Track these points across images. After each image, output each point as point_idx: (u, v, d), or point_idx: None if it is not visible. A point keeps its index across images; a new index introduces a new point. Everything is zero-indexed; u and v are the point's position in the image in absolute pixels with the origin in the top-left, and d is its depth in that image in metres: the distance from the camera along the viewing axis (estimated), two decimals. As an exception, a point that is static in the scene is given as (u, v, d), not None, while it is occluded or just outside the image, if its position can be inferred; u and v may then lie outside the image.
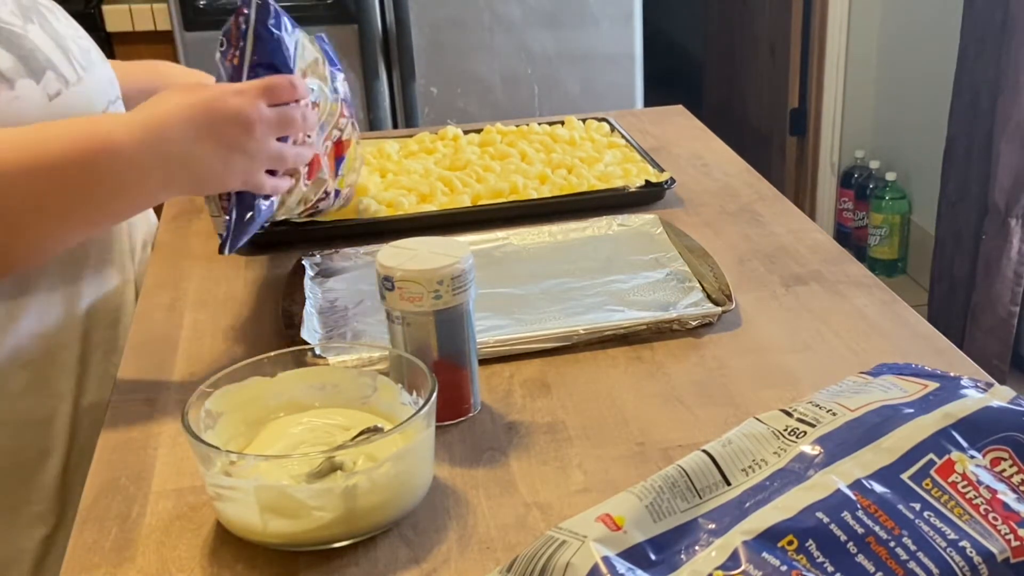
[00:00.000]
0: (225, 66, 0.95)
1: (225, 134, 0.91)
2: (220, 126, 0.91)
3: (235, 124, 0.91)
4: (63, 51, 1.05)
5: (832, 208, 3.41)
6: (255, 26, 0.93)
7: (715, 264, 1.12)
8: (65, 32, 1.09)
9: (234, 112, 0.91)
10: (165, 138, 0.90)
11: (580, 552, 0.59)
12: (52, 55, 1.02)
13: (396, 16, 2.24)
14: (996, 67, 2.48)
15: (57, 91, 1.00)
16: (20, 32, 1.00)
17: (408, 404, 0.82)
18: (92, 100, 1.07)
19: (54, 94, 1.00)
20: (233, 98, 0.91)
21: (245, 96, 0.91)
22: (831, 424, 0.68)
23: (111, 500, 0.82)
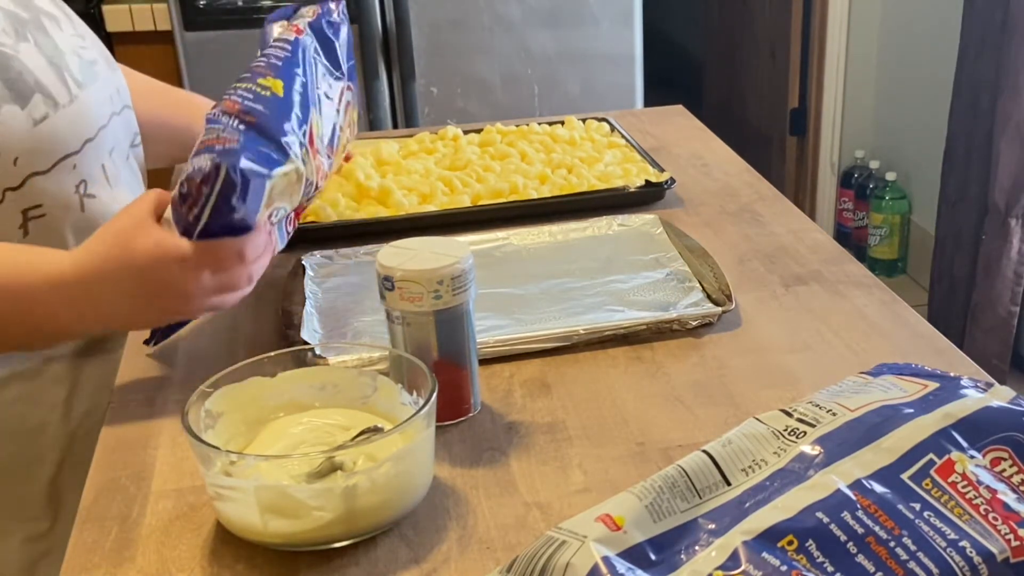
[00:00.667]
0: (180, 212, 0.88)
1: (161, 300, 0.91)
2: (157, 295, 0.90)
3: (173, 295, 0.89)
4: (58, 69, 1.03)
5: (832, 208, 3.41)
6: (216, 200, 0.86)
7: (715, 264, 1.12)
8: (66, 45, 1.06)
9: (173, 283, 0.88)
10: (99, 299, 0.89)
11: (580, 552, 0.59)
12: (43, 76, 1.01)
13: (396, 16, 2.24)
14: (996, 67, 2.48)
15: (44, 115, 0.99)
16: (10, 53, 0.98)
17: (408, 404, 0.82)
18: (86, 119, 1.05)
19: (40, 118, 0.99)
20: (174, 268, 0.87)
21: (187, 266, 0.87)
22: (831, 424, 0.68)
23: (111, 500, 0.82)
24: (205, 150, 0.87)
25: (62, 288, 0.88)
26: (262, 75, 0.93)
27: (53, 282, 0.88)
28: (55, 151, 1.01)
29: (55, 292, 0.88)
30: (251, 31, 2.18)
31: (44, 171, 1.00)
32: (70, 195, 1.03)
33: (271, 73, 0.94)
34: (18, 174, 0.98)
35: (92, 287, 0.88)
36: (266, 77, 0.93)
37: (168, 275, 0.87)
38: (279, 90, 0.93)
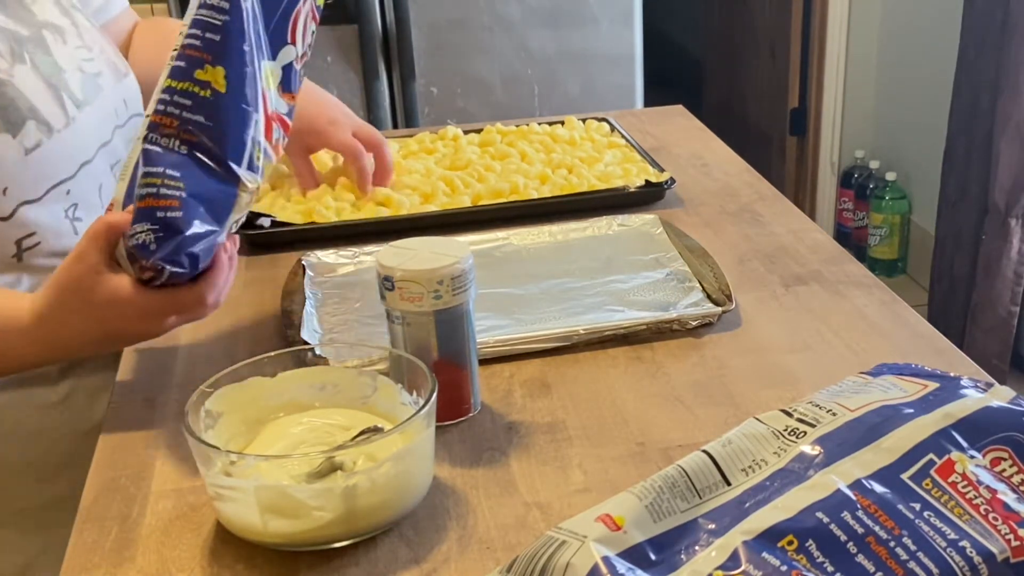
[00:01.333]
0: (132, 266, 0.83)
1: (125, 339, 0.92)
2: (120, 337, 0.90)
3: (136, 335, 0.90)
4: (55, 90, 1.01)
5: (832, 208, 3.41)
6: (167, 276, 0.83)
7: (715, 264, 1.12)
8: (67, 61, 1.04)
9: (136, 330, 0.88)
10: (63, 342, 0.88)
11: (580, 552, 0.59)
12: (38, 100, 0.99)
13: (396, 16, 2.24)
14: (996, 67, 2.48)
15: (36, 142, 0.97)
16: (4, 78, 0.97)
17: (408, 404, 0.82)
18: (84, 141, 1.03)
19: (32, 146, 0.97)
20: (135, 319, 0.86)
21: (150, 320, 0.86)
22: (831, 424, 0.68)
23: (111, 500, 0.82)
24: (145, 215, 0.81)
25: (24, 333, 0.87)
26: (198, 63, 0.83)
27: (14, 327, 0.87)
28: (47, 179, 0.99)
29: (18, 336, 0.87)
30: (251, 31, 2.18)
31: (35, 199, 0.98)
32: (61, 220, 1.01)
33: (208, 56, 0.83)
34: (7, 204, 0.96)
35: (53, 332, 0.87)
36: (203, 66, 0.83)
37: (130, 324, 0.86)
38: (220, 83, 0.83)
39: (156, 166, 0.81)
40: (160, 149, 0.81)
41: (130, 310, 0.84)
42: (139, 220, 0.81)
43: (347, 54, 2.25)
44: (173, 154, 0.82)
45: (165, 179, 0.81)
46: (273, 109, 0.87)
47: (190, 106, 0.82)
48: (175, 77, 0.82)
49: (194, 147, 0.82)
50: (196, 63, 0.82)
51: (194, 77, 0.82)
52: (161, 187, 0.81)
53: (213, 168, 0.83)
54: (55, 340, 0.87)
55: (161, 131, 0.82)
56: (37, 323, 0.86)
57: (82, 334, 0.87)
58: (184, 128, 0.82)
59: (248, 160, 0.84)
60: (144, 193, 0.81)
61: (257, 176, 0.86)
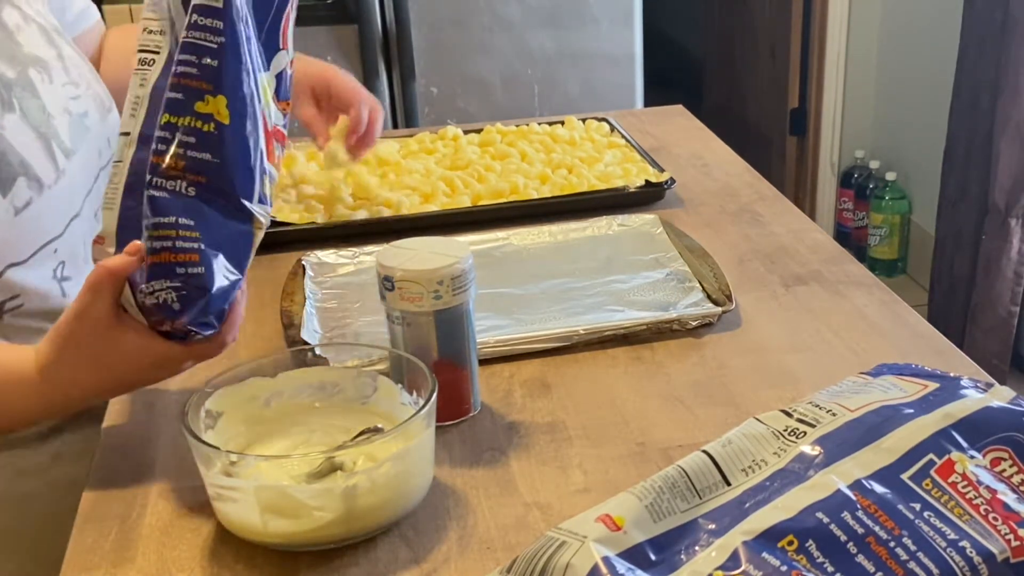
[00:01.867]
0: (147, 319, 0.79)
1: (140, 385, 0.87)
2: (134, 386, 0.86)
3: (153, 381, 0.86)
4: (46, 141, 0.95)
5: (832, 208, 3.40)
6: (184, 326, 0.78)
7: (715, 264, 1.12)
8: (55, 103, 0.98)
9: (153, 378, 0.84)
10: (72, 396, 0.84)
11: (580, 552, 0.59)
12: (29, 154, 0.93)
13: (396, 16, 2.23)
14: (996, 67, 2.48)
15: (27, 201, 0.91)
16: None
17: (408, 404, 0.82)
18: (73, 194, 0.98)
19: (22, 206, 0.91)
20: (154, 372, 0.83)
21: (167, 368, 0.83)
22: (831, 424, 0.68)
23: (111, 500, 0.82)
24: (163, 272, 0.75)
25: (30, 388, 0.83)
26: (197, 94, 0.76)
27: (19, 382, 0.83)
28: (36, 239, 0.94)
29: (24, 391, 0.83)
30: (251, 31, 2.18)
31: (23, 261, 0.93)
32: (48, 281, 0.96)
33: (208, 86, 0.76)
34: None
35: (62, 386, 0.82)
36: (203, 98, 0.76)
37: (145, 373, 0.83)
38: (223, 115, 0.76)
39: (167, 215, 0.75)
40: (167, 195, 0.75)
41: (145, 361, 0.80)
42: (156, 276, 0.75)
43: (347, 54, 2.25)
44: (182, 198, 0.75)
45: (179, 229, 0.75)
46: (272, 124, 0.82)
47: (194, 143, 0.75)
48: (173, 111, 0.76)
49: (203, 188, 0.76)
50: (195, 95, 0.76)
51: (195, 111, 0.76)
52: (177, 239, 0.75)
53: (226, 209, 0.77)
54: (63, 394, 0.83)
55: (166, 173, 0.75)
56: (44, 379, 0.82)
57: (92, 387, 0.83)
58: (191, 169, 0.75)
59: (259, 193, 0.80)
60: (159, 247, 0.75)
61: (267, 207, 0.81)
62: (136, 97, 0.80)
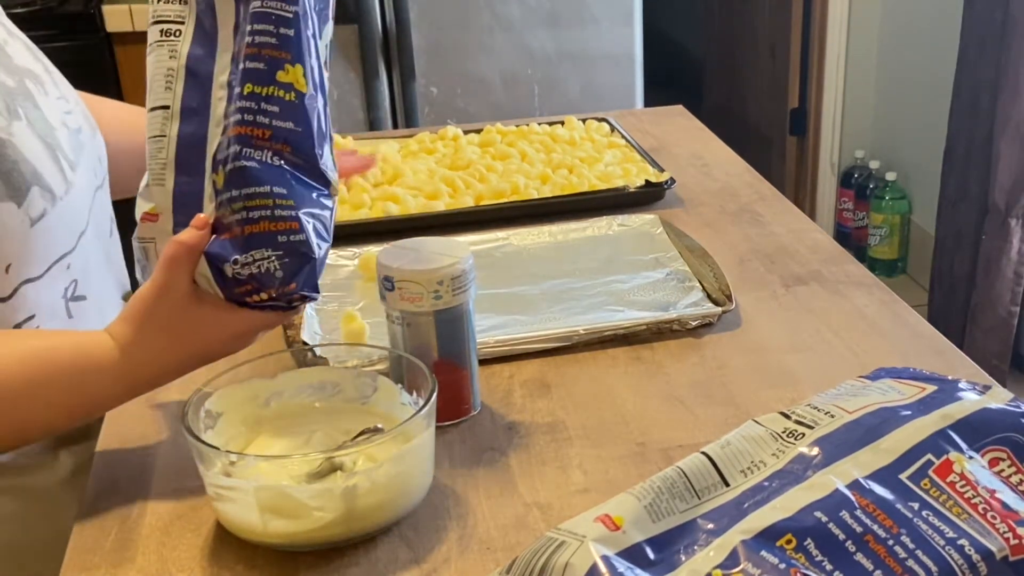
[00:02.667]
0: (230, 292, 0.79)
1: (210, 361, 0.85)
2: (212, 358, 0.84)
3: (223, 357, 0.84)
4: (52, 151, 0.92)
5: (832, 208, 3.40)
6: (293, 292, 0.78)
7: (715, 264, 1.12)
8: (54, 116, 0.96)
9: (227, 354, 0.84)
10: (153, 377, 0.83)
11: (579, 552, 0.59)
12: (39, 162, 0.90)
13: (396, 16, 2.23)
14: (996, 67, 2.48)
15: (41, 212, 0.89)
16: (4, 137, 0.87)
17: (408, 404, 0.82)
18: (81, 208, 0.95)
19: (37, 217, 0.88)
20: (231, 344, 0.82)
21: (243, 339, 0.83)
22: (829, 426, 0.68)
23: (111, 500, 0.83)
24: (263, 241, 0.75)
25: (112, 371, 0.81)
26: (278, 63, 0.76)
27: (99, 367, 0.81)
28: (51, 253, 0.91)
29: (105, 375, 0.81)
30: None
31: (37, 277, 0.90)
32: (58, 300, 0.93)
33: (287, 54, 0.76)
34: (8, 283, 0.87)
35: (142, 366, 0.81)
36: (284, 67, 0.76)
37: (222, 346, 0.82)
38: (302, 83, 0.77)
39: (262, 184, 0.75)
40: (257, 164, 0.75)
41: (225, 333, 0.81)
42: (257, 246, 0.76)
43: (347, 54, 2.25)
44: (272, 168, 0.76)
45: (275, 198, 0.75)
46: None
47: (278, 113, 0.76)
48: (256, 81, 0.76)
49: (287, 158, 0.76)
50: (276, 64, 0.76)
51: (276, 80, 0.76)
52: (275, 208, 0.75)
53: (309, 177, 0.78)
54: (146, 373, 0.82)
55: (254, 144, 0.75)
56: (126, 359, 0.80)
57: (174, 363, 0.82)
58: (277, 138, 0.76)
59: (330, 158, 0.80)
60: (257, 216, 0.75)
61: (335, 172, 0.81)
62: (169, 70, 0.80)
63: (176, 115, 0.80)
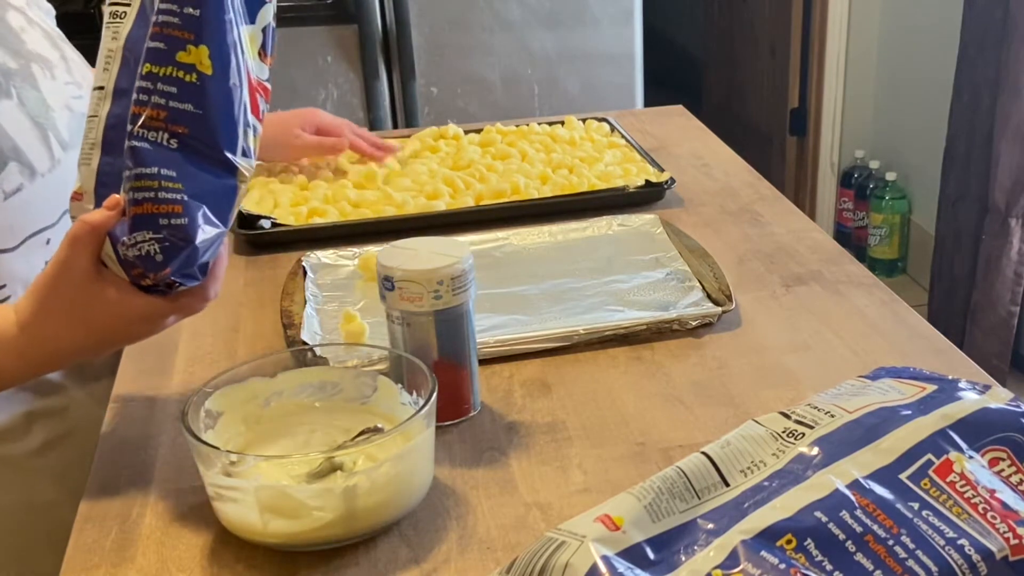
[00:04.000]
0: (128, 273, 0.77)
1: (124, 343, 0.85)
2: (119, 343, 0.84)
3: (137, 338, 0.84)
4: (42, 130, 0.95)
5: (832, 208, 3.40)
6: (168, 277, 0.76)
7: (715, 264, 1.12)
8: (56, 98, 0.99)
9: (137, 334, 0.83)
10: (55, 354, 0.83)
11: (579, 552, 0.59)
12: (23, 140, 0.93)
13: (396, 16, 2.23)
14: (996, 67, 2.48)
15: (17, 186, 0.91)
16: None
17: (408, 404, 0.82)
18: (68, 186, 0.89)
19: (12, 191, 0.91)
20: (138, 327, 0.81)
21: (151, 322, 0.81)
22: (829, 426, 0.68)
23: (111, 500, 0.82)
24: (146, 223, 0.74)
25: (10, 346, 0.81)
26: (179, 43, 0.75)
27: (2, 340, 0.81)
28: (26, 226, 0.93)
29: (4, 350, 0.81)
30: (251, 31, 2.18)
31: (10, 248, 0.92)
32: (35, 273, 0.90)
33: (189, 35, 0.75)
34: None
35: (44, 344, 0.81)
36: (185, 47, 0.75)
37: (128, 328, 0.81)
38: (206, 65, 0.75)
39: (149, 166, 0.74)
40: (149, 145, 0.74)
41: (130, 315, 0.79)
42: (138, 228, 0.75)
43: (347, 54, 2.25)
44: (164, 150, 0.75)
45: (161, 180, 0.74)
46: (256, 78, 0.80)
47: (176, 94, 0.74)
48: (155, 61, 0.74)
49: (184, 140, 0.75)
50: (177, 44, 0.74)
51: (176, 60, 0.74)
52: (159, 190, 0.74)
53: (208, 161, 0.76)
54: (45, 351, 0.82)
55: (147, 124, 0.74)
56: (24, 336, 0.80)
57: (74, 343, 0.81)
58: (173, 120, 0.75)
59: (243, 146, 0.78)
60: (141, 198, 0.74)
61: (251, 161, 0.80)
62: (109, 51, 0.79)
63: (108, 96, 0.79)
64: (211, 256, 0.78)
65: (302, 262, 1.17)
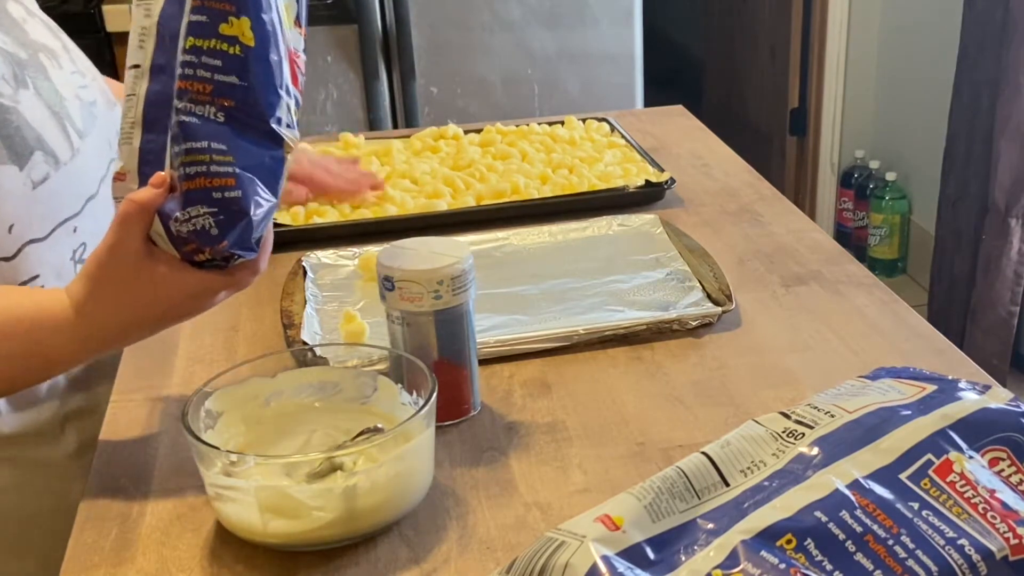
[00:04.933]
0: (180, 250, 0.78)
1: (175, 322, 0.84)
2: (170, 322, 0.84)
3: (188, 316, 0.84)
4: (60, 119, 0.96)
5: (832, 208, 3.40)
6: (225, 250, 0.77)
7: (715, 264, 1.12)
8: (66, 88, 0.99)
9: (188, 311, 0.83)
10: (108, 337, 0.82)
11: (579, 552, 0.59)
12: (44, 129, 0.93)
13: (396, 16, 2.24)
14: (996, 67, 2.48)
15: (44, 176, 0.92)
16: (8, 104, 0.91)
17: (408, 404, 0.82)
18: (88, 174, 0.98)
19: (39, 180, 0.92)
20: (190, 303, 0.81)
21: (202, 298, 0.81)
22: (829, 426, 0.68)
23: (111, 500, 0.83)
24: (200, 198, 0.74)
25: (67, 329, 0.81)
26: (221, 16, 0.74)
27: (55, 325, 0.81)
28: (55, 215, 0.94)
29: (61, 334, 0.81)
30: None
31: (42, 238, 0.93)
32: (67, 263, 0.95)
33: (230, 7, 0.75)
34: (12, 243, 0.90)
35: (98, 325, 0.81)
36: (227, 19, 0.74)
37: (181, 306, 0.81)
38: (248, 37, 0.75)
39: (199, 140, 0.74)
40: (197, 120, 0.74)
41: (181, 292, 0.79)
42: (192, 203, 0.75)
43: (347, 54, 2.25)
44: (212, 124, 0.75)
45: (212, 154, 0.74)
46: (293, 48, 0.80)
47: (221, 67, 0.74)
48: (198, 35, 0.74)
49: (231, 113, 0.75)
50: (219, 16, 0.74)
51: (219, 33, 0.74)
52: (211, 164, 0.74)
53: (255, 134, 0.76)
54: (100, 332, 0.81)
55: (194, 98, 0.74)
56: (79, 317, 0.80)
57: (129, 323, 0.81)
58: (219, 93, 0.75)
59: (287, 116, 0.78)
60: (193, 172, 0.74)
61: (295, 131, 0.79)
62: (142, 28, 0.79)
63: (146, 73, 0.78)
64: (264, 229, 0.78)
65: (302, 262, 1.17)
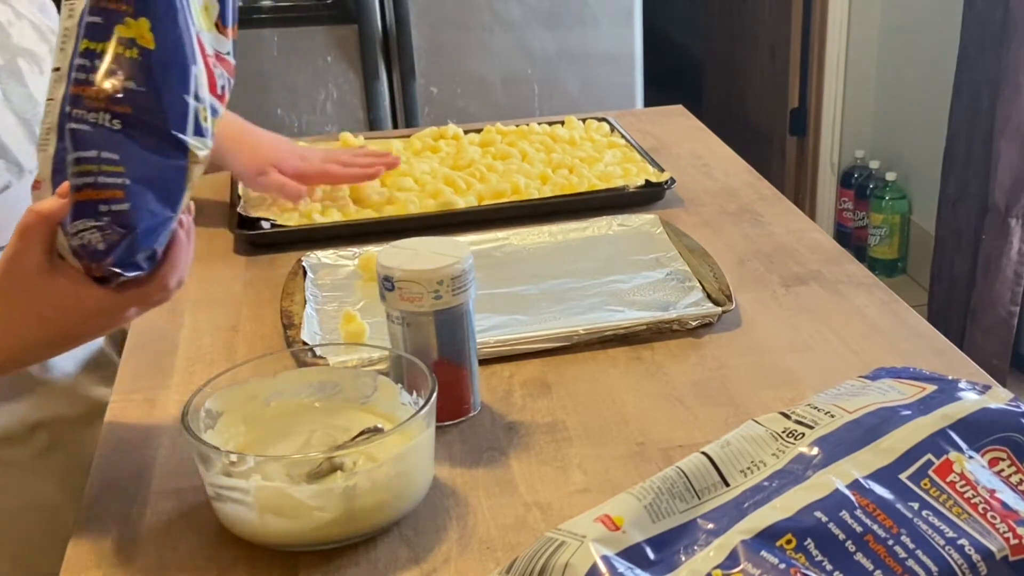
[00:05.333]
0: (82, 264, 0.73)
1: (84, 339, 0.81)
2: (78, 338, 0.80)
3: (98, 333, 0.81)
4: (28, 126, 0.93)
5: (832, 208, 3.40)
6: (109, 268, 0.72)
7: (715, 264, 1.12)
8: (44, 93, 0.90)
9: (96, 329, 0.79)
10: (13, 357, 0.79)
11: (579, 552, 0.59)
12: (8, 137, 0.91)
13: (396, 16, 2.24)
14: (996, 67, 2.48)
15: (5, 184, 0.89)
16: None
17: (408, 404, 0.82)
18: None
19: (0, 189, 0.89)
20: (96, 320, 0.77)
21: (110, 316, 0.77)
22: (829, 426, 0.68)
23: (111, 500, 0.83)
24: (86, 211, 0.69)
25: None
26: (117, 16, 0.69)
27: None
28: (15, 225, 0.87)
29: None
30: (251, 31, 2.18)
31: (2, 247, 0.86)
32: None
33: (126, 7, 0.69)
34: None
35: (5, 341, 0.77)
36: (123, 20, 0.69)
37: (87, 322, 0.77)
38: (147, 39, 0.70)
39: (88, 149, 0.69)
40: (89, 127, 0.69)
41: (86, 307, 0.75)
42: (80, 215, 0.70)
43: (347, 54, 2.25)
44: (106, 131, 0.69)
45: (102, 164, 0.69)
46: (212, 51, 0.75)
47: (116, 71, 0.69)
48: (92, 37, 0.69)
49: (128, 120, 0.69)
50: (115, 17, 0.69)
51: (115, 35, 0.69)
52: (99, 175, 0.69)
53: (155, 142, 0.71)
54: (5, 349, 0.77)
55: (86, 105, 0.69)
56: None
57: (31, 339, 0.77)
58: (114, 99, 0.69)
59: (194, 124, 0.72)
60: (81, 184, 0.69)
61: (207, 140, 0.74)
62: (65, 30, 0.74)
63: (64, 77, 0.72)
64: (160, 244, 0.74)
65: (302, 262, 1.17)
